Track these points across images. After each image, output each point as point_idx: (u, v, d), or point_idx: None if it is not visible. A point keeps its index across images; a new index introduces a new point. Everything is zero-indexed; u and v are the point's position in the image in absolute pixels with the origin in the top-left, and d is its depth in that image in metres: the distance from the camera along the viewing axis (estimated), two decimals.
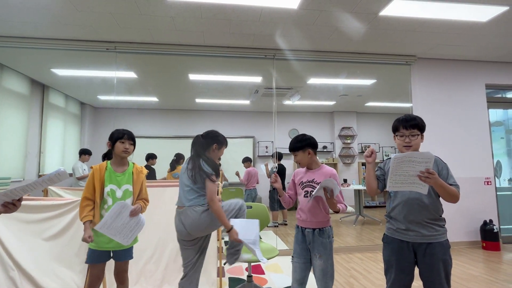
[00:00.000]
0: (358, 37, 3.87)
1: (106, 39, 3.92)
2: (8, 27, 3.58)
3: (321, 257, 1.92)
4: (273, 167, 5.85)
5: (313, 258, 1.96)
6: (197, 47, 4.12)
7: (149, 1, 3.05)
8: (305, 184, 2.04)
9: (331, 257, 1.95)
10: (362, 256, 4.02)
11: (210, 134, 2.18)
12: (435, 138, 4.45)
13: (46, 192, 3.24)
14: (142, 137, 7.45)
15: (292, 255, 2.06)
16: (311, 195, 1.97)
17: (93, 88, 6.06)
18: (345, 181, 7.00)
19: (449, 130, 4.56)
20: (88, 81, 5.65)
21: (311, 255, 1.98)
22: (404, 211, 1.69)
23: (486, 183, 4.54)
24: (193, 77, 5.38)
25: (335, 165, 8.33)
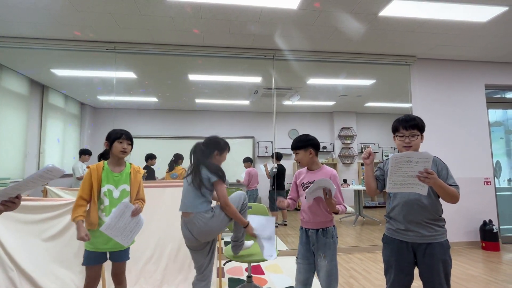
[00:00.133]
0: (358, 37, 3.87)
1: (105, 39, 3.92)
2: (7, 27, 3.57)
3: (325, 257, 1.92)
4: (272, 167, 5.84)
5: (317, 258, 1.96)
6: (197, 47, 4.12)
7: (149, 1, 3.05)
8: (306, 185, 2.05)
9: (335, 258, 1.96)
10: (361, 257, 4.02)
11: (211, 141, 2.14)
12: (434, 138, 4.45)
13: (45, 193, 3.23)
14: (142, 137, 7.45)
15: (296, 256, 2.07)
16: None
17: (93, 88, 6.06)
18: (345, 181, 7.00)
19: (448, 130, 4.56)
20: (88, 81, 5.65)
21: (315, 257, 1.98)
22: (403, 211, 1.69)
23: (485, 183, 4.54)
24: (192, 77, 5.38)
25: (334, 165, 8.33)
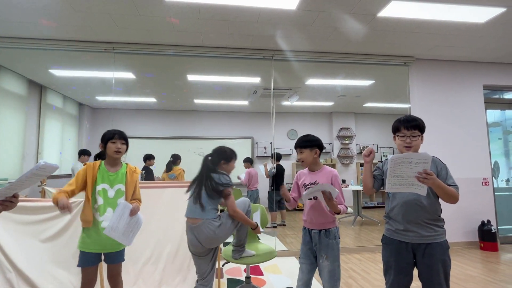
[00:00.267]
0: (357, 38, 3.88)
1: (104, 39, 3.91)
2: (5, 27, 3.56)
3: (327, 258, 1.92)
4: (271, 168, 5.84)
5: (320, 259, 1.96)
6: (196, 47, 4.12)
7: (148, 2, 3.05)
8: (308, 186, 2.05)
9: (338, 259, 1.96)
10: (360, 257, 4.03)
11: (216, 151, 2.20)
12: (433, 138, 4.45)
13: (43, 193, 3.22)
14: (140, 137, 7.43)
15: (299, 255, 2.09)
16: (314, 197, 1.98)
17: (91, 88, 6.04)
18: (344, 181, 6.99)
19: (447, 130, 4.57)
20: (86, 81, 5.63)
21: (317, 257, 1.99)
22: (402, 212, 1.69)
23: (484, 184, 4.55)
24: (191, 77, 5.37)
25: (333, 165, 8.33)
